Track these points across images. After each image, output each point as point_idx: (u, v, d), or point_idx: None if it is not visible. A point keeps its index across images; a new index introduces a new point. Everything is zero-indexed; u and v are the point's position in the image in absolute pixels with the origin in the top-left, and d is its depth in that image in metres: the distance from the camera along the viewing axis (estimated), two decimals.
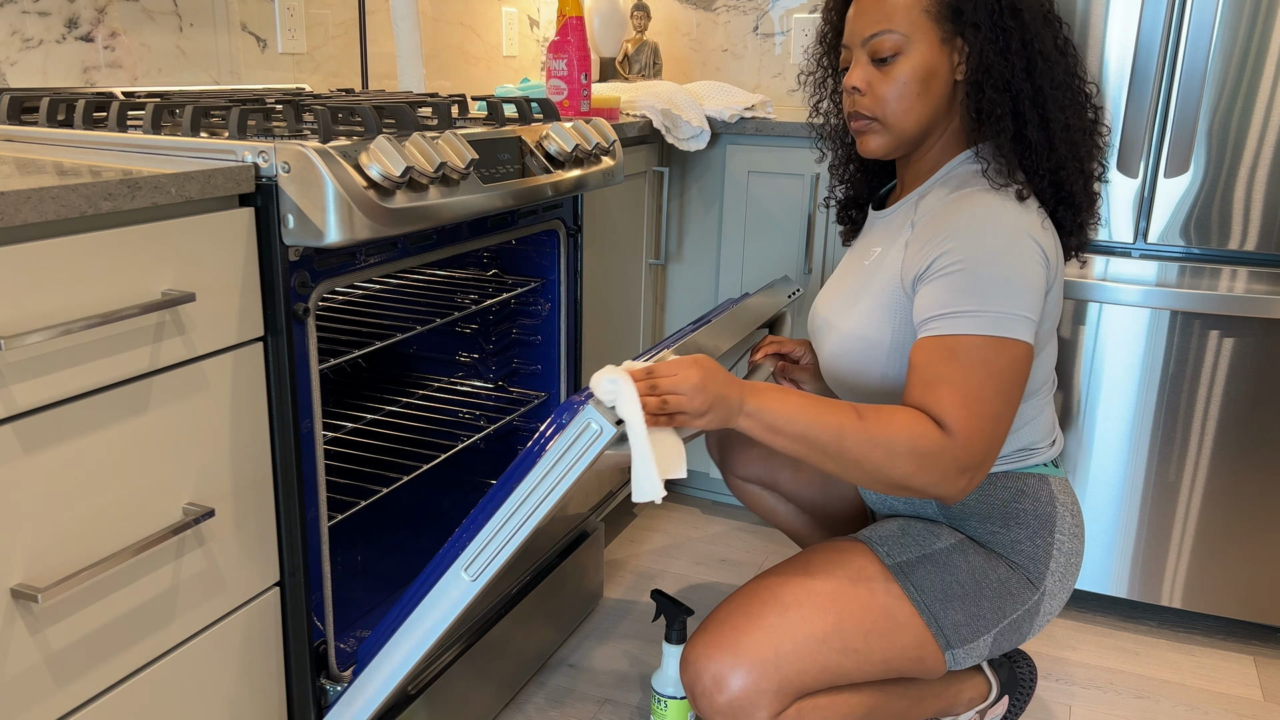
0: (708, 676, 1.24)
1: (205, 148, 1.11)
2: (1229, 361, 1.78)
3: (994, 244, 1.19)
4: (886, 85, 1.27)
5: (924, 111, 1.28)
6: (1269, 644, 1.93)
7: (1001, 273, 1.18)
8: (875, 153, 1.33)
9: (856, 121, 1.32)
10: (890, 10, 1.26)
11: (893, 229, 1.34)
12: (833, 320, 1.37)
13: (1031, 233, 1.21)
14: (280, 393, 1.16)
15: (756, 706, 1.23)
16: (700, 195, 2.25)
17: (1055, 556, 1.34)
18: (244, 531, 1.15)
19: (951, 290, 1.20)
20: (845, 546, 1.34)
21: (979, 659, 1.35)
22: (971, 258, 1.19)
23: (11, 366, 0.88)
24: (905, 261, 1.27)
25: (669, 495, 2.50)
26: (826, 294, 1.43)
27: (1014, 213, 1.21)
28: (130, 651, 1.03)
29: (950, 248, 1.21)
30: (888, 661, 1.28)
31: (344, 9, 2.05)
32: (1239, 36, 1.67)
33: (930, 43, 1.25)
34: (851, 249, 1.45)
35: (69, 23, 1.54)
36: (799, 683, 1.24)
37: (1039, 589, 1.34)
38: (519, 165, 1.41)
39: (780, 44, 2.64)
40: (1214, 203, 1.74)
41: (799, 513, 1.69)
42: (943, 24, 1.25)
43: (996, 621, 1.32)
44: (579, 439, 1.08)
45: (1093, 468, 1.90)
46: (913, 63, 1.26)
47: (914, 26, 1.25)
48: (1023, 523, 1.33)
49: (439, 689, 1.46)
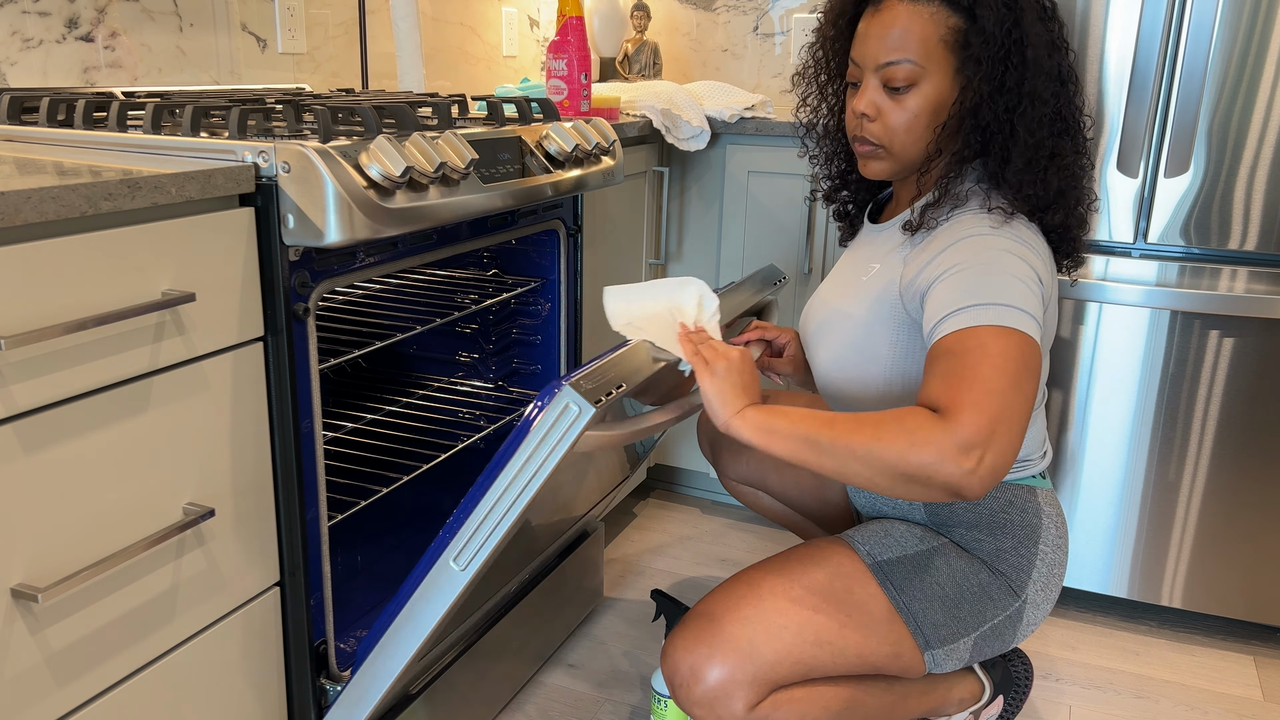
0: (685, 667, 1.26)
1: (205, 148, 1.11)
2: (1229, 361, 1.78)
3: (995, 244, 1.20)
4: (898, 115, 1.25)
5: (932, 140, 1.27)
6: (1269, 644, 1.93)
7: (1002, 267, 1.18)
8: (877, 176, 1.32)
9: (862, 146, 1.30)
10: (907, 38, 1.22)
11: (891, 244, 1.34)
12: (828, 332, 1.36)
13: (1026, 250, 1.21)
14: (280, 393, 1.16)
15: (732, 697, 1.24)
16: (700, 195, 2.25)
17: (1038, 566, 1.34)
18: (244, 531, 1.15)
19: (951, 290, 1.19)
20: (826, 544, 1.35)
21: (960, 662, 1.35)
22: (968, 259, 1.19)
23: (11, 366, 0.88)
24: (904, 276, 1.27)
25: (669, 495, 2.50)
26: (820, 304, 1.41)
27: (1008, 231, 1.22)
28: (130, 651, 1.04)
29: (938, 263, 1.21)
30: (862, 657, 1.29)
31: (344, 9, 2.05)
32: (1239, 36, 1.67)
33: (944, 74, 1.24)
34: (845, 259, 1.44)
35: (69, 23, 1.54)
36: (774, 674, 1.25)
37: (1020, 597, 1.34)
38: (519, 165, 1.41)
39: (780, 44, 2.64)
40: (1214, 203, 1.74)
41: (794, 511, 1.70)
42: (958, 54, 1.23)
43: (977, 625, 1.32)
44: (559, 420, 1.07)
45: (1093, 467, 1.90)
46: (926, 95, 1.24)
47: (930, 57, 1.23)
48: (1009, 532, 1.33)
49: (439, 689, 1.46)
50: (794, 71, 1.59)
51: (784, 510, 1.71)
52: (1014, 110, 1.22)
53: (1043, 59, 1.21)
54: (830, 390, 1.38)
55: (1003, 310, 1.15)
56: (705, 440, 1.74)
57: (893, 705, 1.38)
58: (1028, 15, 1.20)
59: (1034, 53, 1.20)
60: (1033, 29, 1.21)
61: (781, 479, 1.65)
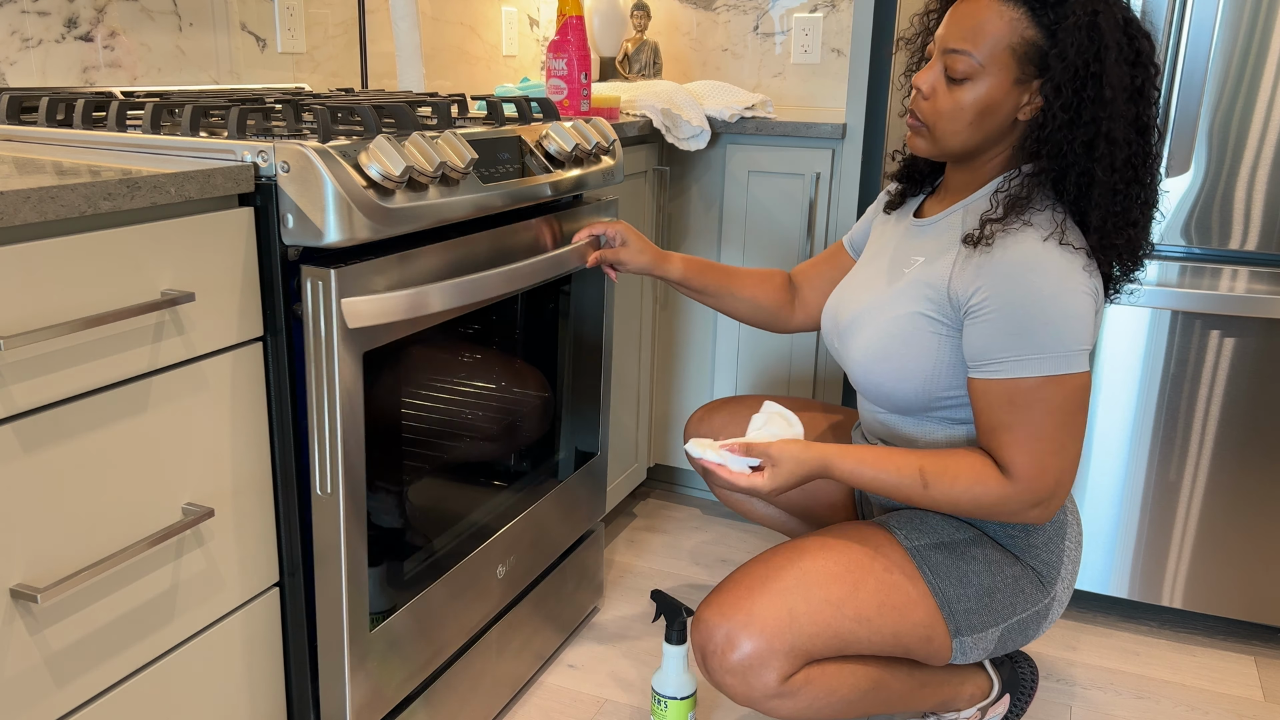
0: (720, 634, 1.25)
1: (205, 147, 1.11)
2: (1229, 361, 1.78)
3: (1047, 285, 1.19)
4: (947, 102, 1.26)
5: (972, 138, 1.27)
6: (1269, 644, 1.93)
7: (1047, 312, 1.18)
8: (917, 152, 1.32)
9: (911, 119, 1.31)
10: (978, 34, 1.22)
11: (939, 240, 1.32)
12: (865, 323, 1.35)
13: (1075, 273, 1.20)
14: (280, 393, 1.16)
15: (767, 667, 1.24)
16: (700, 195, 2.25)
17: (1065, 563, 1.35)
18: (244, 531, 1.15)
19: (999, 335, 1.21)
20: (864, 525, 1.36)
21: (984, 653, 1.35)
22: (1021, 302, 1.19)
23: (11, 366, 0.88)
24: (953, 280, 1.26)
25: (669, 495, 2.50)
26: (853, 295, 1.40)
27: (1057, 255, 1.20)
28: (130, 651, 1.03)
29: (991, 293, 1.21)
30: (897, 636, 1.29)
31: (344, 9, 2.05)
32: (1239, 36, 1.67)
33: (1003, 79, 1.23)
34: (878, 253, 1.42)
35: (68, 22, 1.54)
36: (810, 646, 1.25)
37: (1050, 592, 1.35)
38: (519, 165, 1.41)
39: (780, 44, 2.64)
40: (1214, 203, 1.74)
41: (786, 514, 1.70)
42: (1024, 66, 1.22)
43: (1007, 617, 1.33)
44: None
45: (1093, 468, 1.90)
46: (978, 93, 1.24)
47: (993, 59, 1.22)
48: (1039, 528, 1.34)
49: (439, 689, 1.46)
50: (899, 35, 1.62)
51: (777, 518, 1.71)
52: (1092, 150, 1.20)
53: (1120, 101, 1.19)
54: (867, 382, 1.36)
55: (1059, 359, 1.20)
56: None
57: (912, 692, 1.39)
58: (1111, 53, 1.18)
59: (1111, 93, 1.18)
60: (1114, 69, 1.19)
61: None
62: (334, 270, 1.10)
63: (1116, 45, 1.19)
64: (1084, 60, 1.18)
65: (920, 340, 1.29)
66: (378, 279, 1.17)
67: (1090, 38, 1.18)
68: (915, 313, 1.30)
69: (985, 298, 1.22)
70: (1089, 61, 1.18)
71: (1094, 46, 1.18)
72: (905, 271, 1.34)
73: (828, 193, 2.12)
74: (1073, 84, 1.19)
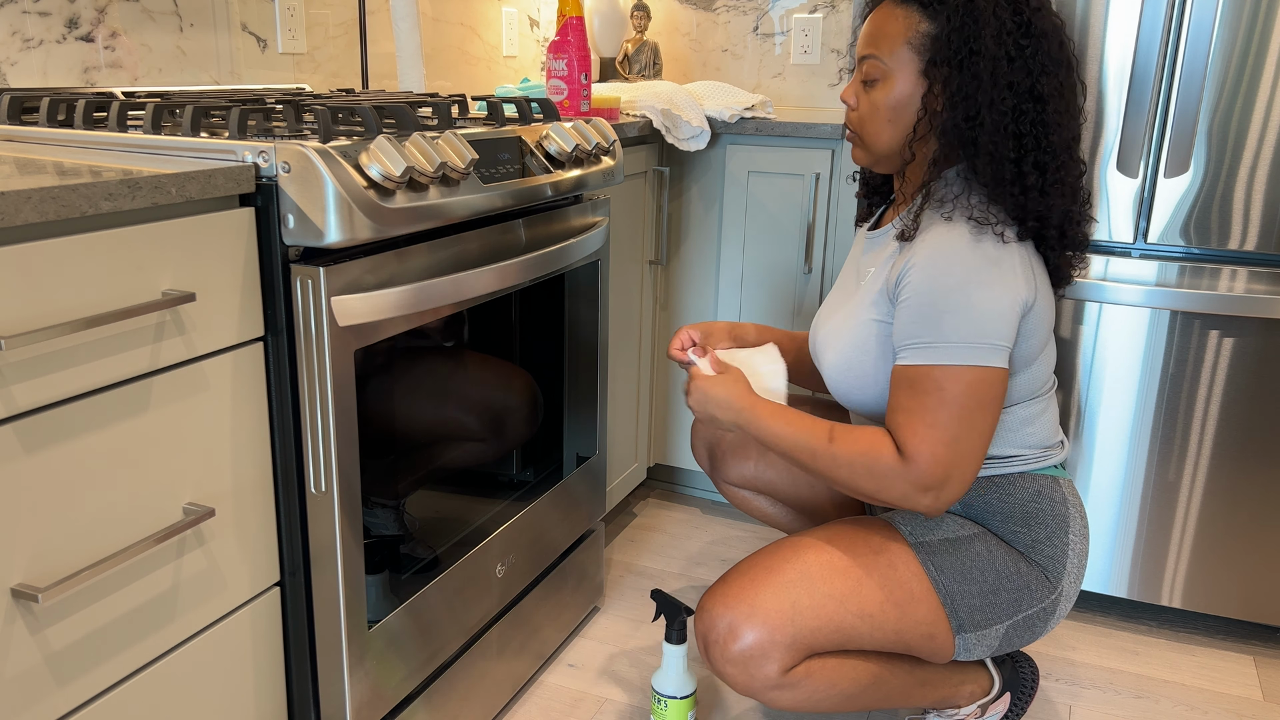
0: (723, 624, 1.26)
1: (205, 148, 1.11)
2: (1229, 361, 1.78)
3: (955, 273, 1.22)
4: (865, 106, 1.33)
5: (895, 137, 1.32)
6: (1269, 644, 1.93)
7: (959, 303, 1.21)
8: (859, 163, 1.39)
9: (847, 131, 1.38)
10: (879, 37, 1.30)
11: (886, 248, 1.37)
12: (831, 339, 1.39)
13: (998, 259, 1.23)
14: (280, 393, 1.16)
15: (768, 658, 1.24)
16: (700, 195, 2.25)
17: (1070, 558, 1.36)
18: (244, 531, 1.15)
19: (912, 321, 1.24)
20: (869, 521, 1.37)
21: (988, 651, 1.35)
22: (930, 288, 1.23)
23: (11, 366, 0.88)
24: (889, 277, 1.30)
25: (669, 495, 2.51)
26: (827, 311, 1.45)
27: (979, 242, 1.23)
28: (130, 651, 1.04)
29: (912, 279, 1.25)
30: (900, 633, 1.29)
31: (344, 9, 2.05)
32: (1239, 36, 1.67)
33: (908, 74, 1.29)
34: (848, 266, 1.48)
35: (69, 23, 1.54)
36: (812, 640, 1.26)
37: (1056, 589, 1.35)
38: (519, 165, 1.41)
39: (780, 44, 2.64)
40: (1214, 203, 1.74)
41: (791, 512, 1.70)
42: (923, 57, 1.28)
43: (1011, 614, 1.33)
44: None
45: (1093, 467, 1.90)
46: (889, 91, 1.30)
47: (895, 57, 1.29)
48: (1041, 522, 1.34)
49: (439, 689, 1.46)
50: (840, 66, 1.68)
51: (779, 514, 1.71)
52: (973, 120, 1.25)
53: (1001, 71, 1.23)
54: (840, 391, 1.39)
55: (963, 350, 1.21)
56: (702, 446, 1.74)
57: (911, 688, 1.39)
58: (987, 28, 1.23)
59: (987, 64, 1.23)
60: (990, 42, 1.23)
61: (781, 476, 1.65)
62: (323, 269, 1.10)
63: (995, 17, 1.23)
64: (962, 37, 1.24)
65: (877, 347, 1.32)
66: (368, 277, 1.18)
67: (967, 15, 1.24)
68: (870, 319, 1.33)
69: (905, 284, 1.26)
70: (968, 39, 1.24)
71: (971, 22, 1.24)
72: (861, 284, 1.38)
73: (827, 193, 2.12)
74: (951, 60, 1.24)
